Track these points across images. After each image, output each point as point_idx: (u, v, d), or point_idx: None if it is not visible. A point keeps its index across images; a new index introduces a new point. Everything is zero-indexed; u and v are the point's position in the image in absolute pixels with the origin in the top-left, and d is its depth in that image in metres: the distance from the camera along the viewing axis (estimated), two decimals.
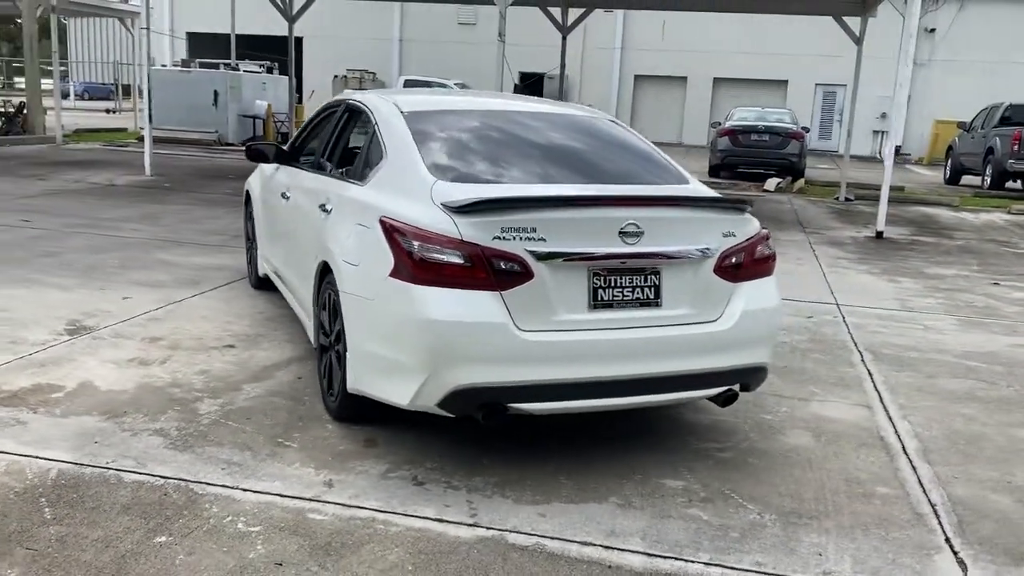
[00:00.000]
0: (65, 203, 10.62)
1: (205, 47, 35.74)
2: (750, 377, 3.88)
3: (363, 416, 4.00)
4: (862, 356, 5.76)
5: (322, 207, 4.37)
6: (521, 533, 3.22)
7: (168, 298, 6.28)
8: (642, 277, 3.59)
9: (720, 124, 19.72)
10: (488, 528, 3.24)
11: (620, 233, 3.48)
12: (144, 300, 6.19)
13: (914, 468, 4.01)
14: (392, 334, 3.53)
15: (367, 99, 4.67)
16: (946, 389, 5.16)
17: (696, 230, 3.68)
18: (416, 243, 3.40)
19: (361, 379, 3.72)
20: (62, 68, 30.71)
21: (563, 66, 16.19)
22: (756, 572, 3.05)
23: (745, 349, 3.79)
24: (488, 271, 3.35)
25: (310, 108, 33.61)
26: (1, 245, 7.81)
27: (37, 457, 3.63)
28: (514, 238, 3.36)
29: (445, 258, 3.35)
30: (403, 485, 3.55)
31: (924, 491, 3.77)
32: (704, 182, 4.35)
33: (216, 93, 20.44)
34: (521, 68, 31.60)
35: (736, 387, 3.86)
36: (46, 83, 25.75)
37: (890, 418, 4.63)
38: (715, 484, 3.71)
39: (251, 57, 27.33)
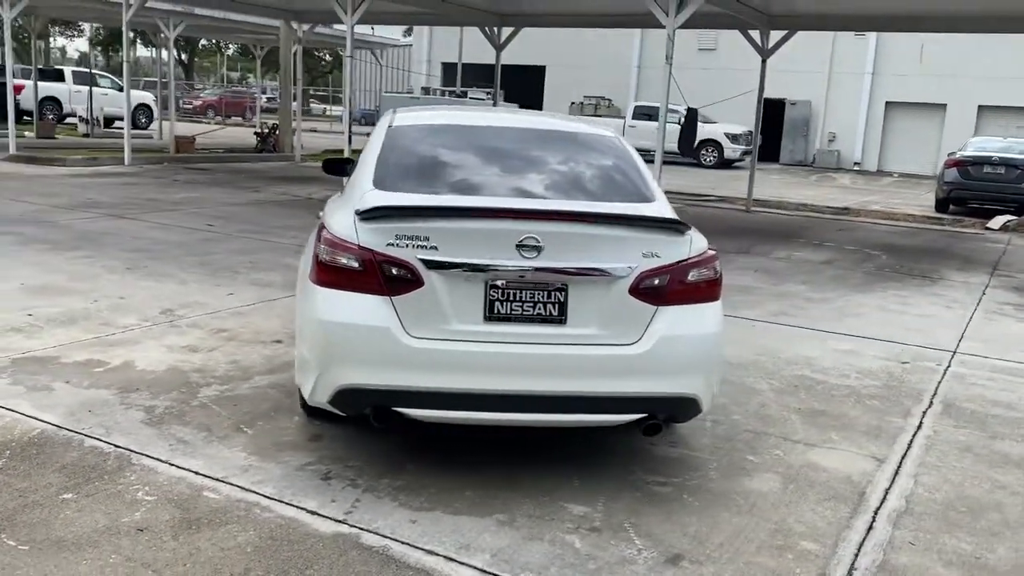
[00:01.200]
0: (254, 212, 11.85)
1: (466, 75, 38.09)
2: (673, 408, 3.66)
3: (320, 412, 4.20)
4: (929, 407, 5.13)
5: (318, 217, 4.66)
6: (377, 535, 3.28)
7: (264, 297, 6.88)
8: (545, 293, 3.51)
9: (953, 154, 18.00)
10: (352, 526, 3.33)
11: (518, 247, 3.44)
12: (244, 297, 6.83)
13: (870, 528, 3.57)
14: (302, 332, 3.74)
15: (384, 114, 4.91)
16: (1000, 452, 4.49)
17: (610, 248, 3.54)
18: (323, 247, 3.58)
19: (296, 374, 3.95)
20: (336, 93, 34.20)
21: (761, 90, 15.57)
22: None
23: (664, 377, 3.59)
24: (379, 276, 3.45)
25: None
26: (170, 244, 8.90)
27: (34, 418, 4.19)
28: (407, 246, 3.44)
29: (342, 262, 3.50)
30: (310, 478, 3.72)
31: (856, 553, 3.36)
32: (928, 217, 4.14)
33: None
34: (734, 92, 30.72)
35: (660, 417, 3.65)
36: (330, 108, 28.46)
37: (896, 475, 4.13)
38: (620, 516, 3.54)
39: (480, 85, 28.69)
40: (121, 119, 26.70)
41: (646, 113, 30.70)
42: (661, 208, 3.92)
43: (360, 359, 3.46)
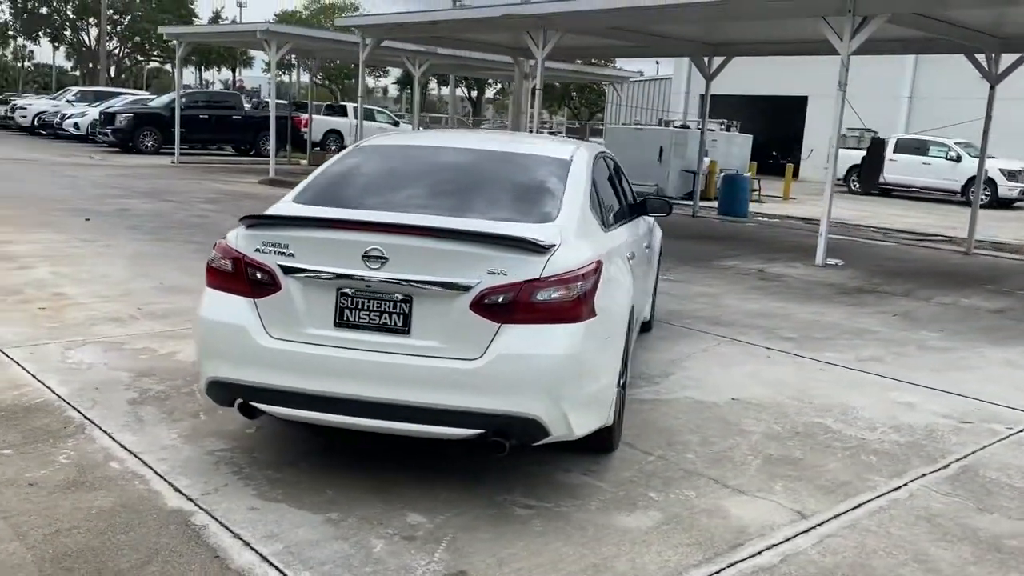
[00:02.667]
0: None
1: (714, 106, 37.59)
2: (510, 427, 3.59)
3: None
4: (939, 470, 4.50)
5: None
6: (209, 515, 3.57)
7: None
8: (391, 303, 3.63)
9: None
10: (196, 505, 3.65)
11: (363, 257, 3.60)
12: None
13: None
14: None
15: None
16: (970, 528, 3.86)
17: (454, 263, 3.58)
18: (214, 251, 3.96)
19: None
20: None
21: (988, 119, 13.96)
22: None
23: (501, 394, 3.54)
24: (245, 280, 3.76)
25: (808, 166, 33.26)
26: None
27: (49, 389, 4.95)
28: (270, 252, 3.72)
29: (221, 265, 3.86)
30: (207, 462, 4.09)
31: None
32: None
33: (661, 149, 21.65)
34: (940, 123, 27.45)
35: (504, 435, 3.61)
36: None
37: (803, 532, 3.72)
38: (449, 530, 3.55)
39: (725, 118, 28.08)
40: None
41: (911, 146, 28.48)
42: (547, 229, 3.87)
43: (225, 354, 3.78)
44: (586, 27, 14.31)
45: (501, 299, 3.56)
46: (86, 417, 4.56)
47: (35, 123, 33.40)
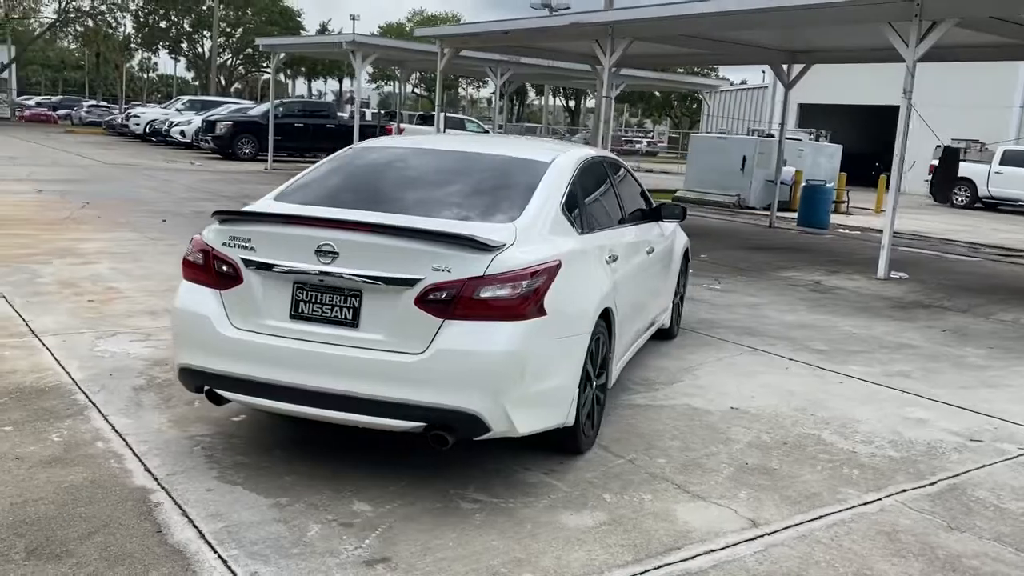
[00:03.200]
0: None
1: (814, 116, 36.69)
2: (451, 421, 3.65)
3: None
4: (924, 487, 4.34)
5: None
6: (167, 493, 3.76)
7: None
8: (341, 297, 3.75)
9: None
10: (159, 484, 3.85)
11: (316, 252, 3.74)
12: None
13: None
14: None
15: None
16: (930, 545, 3.72)
17: (401, 260, 3.68)
18: (190, 245, 4.17)
19: None
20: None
21: None
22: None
23: (442, 389, 3.62)
24: (212, 272, 3.96)
25: (911, 178, 32.02)
26: None
27: (67, 374, 5.29)
28: (235, 246, 3.91)
29: (193, 258, 4.07)
30: (184, 446, 4.30)
31: None
32: None
33: (744, 158, 21.27)
34: None
35: (446, 429, 3.68)
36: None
37: (748, 540, 3.66)
38: (388, 519, 3.64)
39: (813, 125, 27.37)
40: None
41: (1020, 158, 27.12)
42: (503, 229, 3.93)
43: (193, 343, 3.98)
44: (655, 35, 14.23)
45: (444, 295, 3.64)
46: (91, 401, 4.85)
47: (147, 131, 35.25)
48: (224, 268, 3.94)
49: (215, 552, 3.31)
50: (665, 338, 6.93)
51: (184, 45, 60.72)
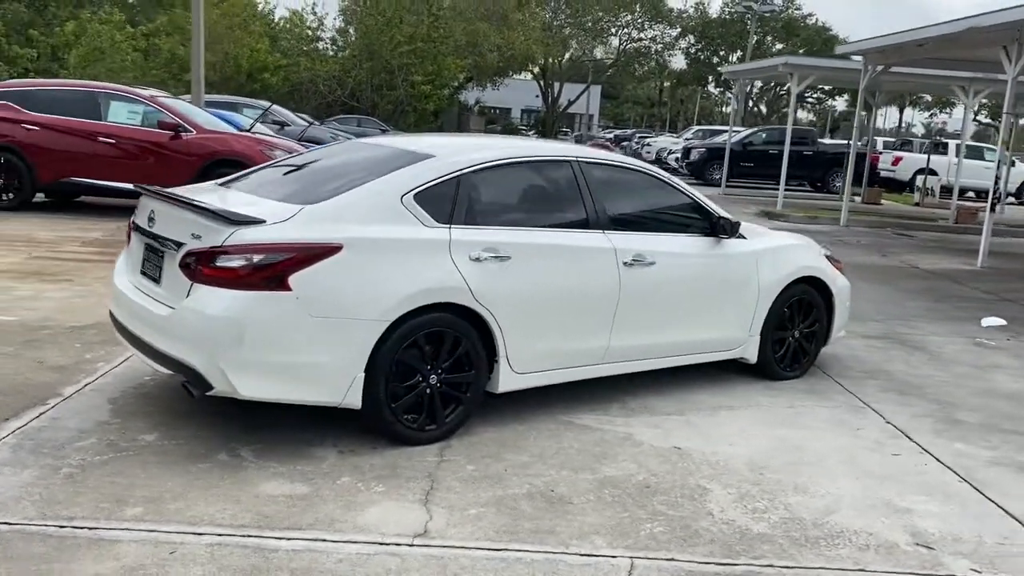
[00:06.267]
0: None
1: None
2: (184, 373, 4.06)
3: None
4: (713, 563, 3.44)
5: None
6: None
7: None
8: (157, 256, 4.40)
9: None
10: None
11: (147, 218, 4.47)
12: None
13: None
14: None
15: None
16: None
17: (180, 227, 4.20)
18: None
19: None
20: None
21: None
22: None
23: (179, 344, 4.07)
24: (127, 235, 4.90)
25: None
26: None
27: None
28: (138, 215, 4.79)
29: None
30: (130, 401, 5.27)
31: None
32: None
33: None
34: None
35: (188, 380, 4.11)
36: None
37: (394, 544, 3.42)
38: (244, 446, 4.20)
39: None
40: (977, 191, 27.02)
41: None
42: (286, 208, 4.25)
43: (111, 294, 4.95)
44: None
45: (193, 260, 4.09)
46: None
47: (656, 158, 37.88)
48: (129, 232, 4.86)
49: None
50: (761, 375, 6.01)
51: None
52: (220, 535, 3.42)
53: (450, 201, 4.56)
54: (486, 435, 4.65)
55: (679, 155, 31.06)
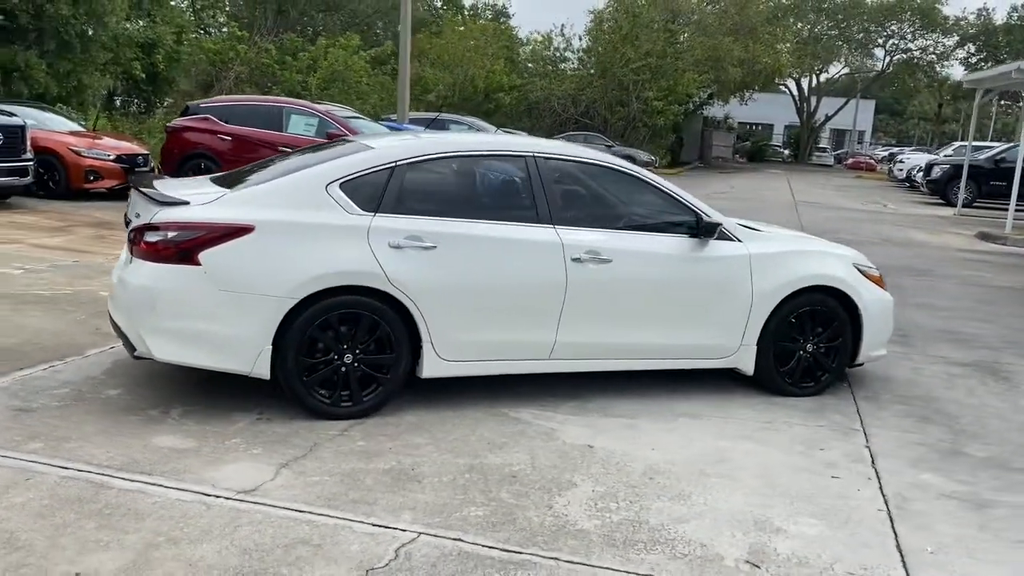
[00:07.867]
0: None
1: None
2: (120, 337, 4.63)
3: None
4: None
5: None
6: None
7: None
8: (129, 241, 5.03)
9: None
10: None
11: (130, 210, 5.12)
12: None
13: None
14: None
15: None
16: None
17: (137, 210, 4.77)
18: None
19: None
20: None
21: None
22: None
23: (115, 310, 4.67)
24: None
25: None
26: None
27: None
28: (128, 209, 5.44)
29: None
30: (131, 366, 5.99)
31: None
32: None
33: None
34: None
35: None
36: None
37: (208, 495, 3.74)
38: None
39: None
40: None
41: None
42: (214, 191, 4.75)
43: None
44: None
45: (132, 235, 4.65)
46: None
47: (907, 177, 35.08)
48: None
49: None
50: (765, 389, 5.64)
51: None
52: (80, 471, 3.90)
53: (380, 191, 4.80)
54: (407, 418, 4.82)
55: (912, 171, 28.58)
